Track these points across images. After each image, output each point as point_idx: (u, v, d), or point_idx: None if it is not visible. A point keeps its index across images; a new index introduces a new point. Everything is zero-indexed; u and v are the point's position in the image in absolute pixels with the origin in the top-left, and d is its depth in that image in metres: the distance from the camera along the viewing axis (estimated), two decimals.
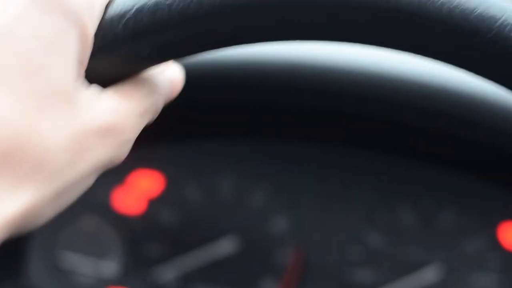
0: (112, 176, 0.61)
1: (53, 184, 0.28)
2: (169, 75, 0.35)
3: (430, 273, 0.60)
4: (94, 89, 0.30)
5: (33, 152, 0.27)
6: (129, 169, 0.61)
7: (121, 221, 0.61)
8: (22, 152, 0.26)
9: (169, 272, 0.61)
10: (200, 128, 0.61)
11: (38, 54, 0.27)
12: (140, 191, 0.61)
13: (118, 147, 0.30)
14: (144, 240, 0.61)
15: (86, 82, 0.30)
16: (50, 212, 0.29)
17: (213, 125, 0.61)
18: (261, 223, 0.61)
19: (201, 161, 0.61)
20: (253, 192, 0.61)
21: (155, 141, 0.61)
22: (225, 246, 0.61)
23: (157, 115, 0.33)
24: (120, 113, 0.30)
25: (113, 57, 0.30)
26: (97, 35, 0.30)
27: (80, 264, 0.62)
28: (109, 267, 0.62)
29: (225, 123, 0.61)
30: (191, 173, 0.61)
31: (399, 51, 0.30)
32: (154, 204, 0.61)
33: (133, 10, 0.29)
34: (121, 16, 0.30)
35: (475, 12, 0.27)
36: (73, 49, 0.28)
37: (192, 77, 0.54)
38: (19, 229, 0.27)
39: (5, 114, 0.26)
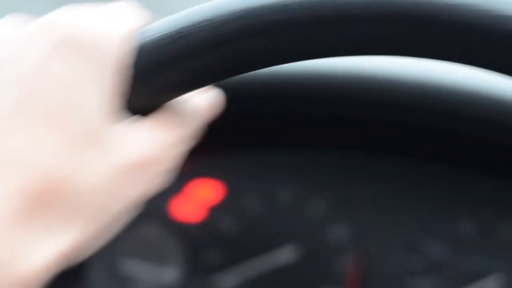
0: (171, 185, 0.61)
1: (97, 221, 0.28)
2: (203, 101, 0.34)
3: (491, 284, 0.60)
4: (128, 122, 0.30)
5: (72, 193, 0.27)
6: (189, 178, 0.61)
7: (181, 229, 0.62)
8: (62, 193, 0.27)
9: (228, 280, 0.62)
10: (260, 137, 0.61)
11: (67, 96, 0.28)
12: (200, 199, 0.61)
13: (155, 180, 0.30)
14: (203, 248, 0.62)
15: (119, 117, 0.30)
16: (93, 247, 0.29)
17: (273, 135, 0.61)
18: (320, 232, 0.61)
19: (261, 170, 0.61)
20: (313, 201, 0.61)
21: (214, 151, 0.61)
22: (285, 255, 0.61)
23: (193, 142, 0.33)
24: (155, 145, 0.30)
25: (143, 89, 0.30)
26: (126, 68, 0.29)
27: (140, 271, 0.62)
28: (169, 274, 0.62)
29: (285, 133, 0.60)
30: (251, 182, 0.61)
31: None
32: (214, 212, 0.61)
33: (164, 38, 0.29)
34: (152, 44, 0.29)
35: None
36: (101, 88, 0.28)
37: (253, 87, 0.54)
38: (64, 264, 0.28)
39: (41, 157, 0.27)
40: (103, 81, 0.29)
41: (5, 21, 0.31)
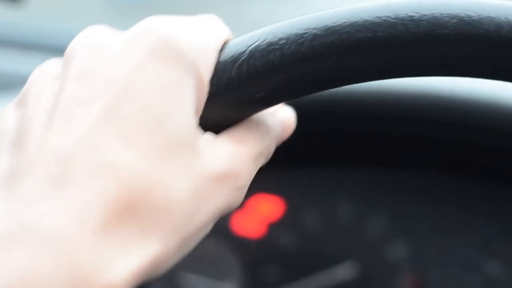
0: None
1: (178, 234, 0.27)
2: (281, 117, 0.34)
3: None
4: (209, 135, 0.30)
5: (158, 203, 0.26)
6: (250, 193, 0.62)
7: (240, 244, 0.62)
8: (148, 203, 0.26)
9: None
10: (319, 154, 0.62)
11: (157, 104, 0.27)
12: (260, 215, 0.62)
13: (235, 193, 0.30)
14: (262, 263, 0.62)
15: (201, 129, 0.30)
16: (173, 261, 0.28)
17: (333, 152, 0.62)
18: (379, 250, 0.62)
19: (320, 187, 0.62)
20: (371, 218, 0.62)
21: (275, 167, 0.62)
22: (343, 272, 0.62)
23: (269, 158, 0.33)
24: (236, 159, 0.30)
25: (226, 102, 0.30)
26: (211, 81, 0.29)
27: (200, 286, 0.63)
28: None
29: (345, 150, 0.61)
30: (311, 199, 0.62)
31: None
32: (274, 228, 0.62)
33: (246, 54, 0.29)
34: (234, 60, 0.29)
35: None
36: (190, 97, 0.28)
37: (312, 105, 0.56)
38: (143, 279, 0.26)
39: (130, 165, 0.26)
40: (195, 91, 0.28)
41: (92, 30, 0.30)
